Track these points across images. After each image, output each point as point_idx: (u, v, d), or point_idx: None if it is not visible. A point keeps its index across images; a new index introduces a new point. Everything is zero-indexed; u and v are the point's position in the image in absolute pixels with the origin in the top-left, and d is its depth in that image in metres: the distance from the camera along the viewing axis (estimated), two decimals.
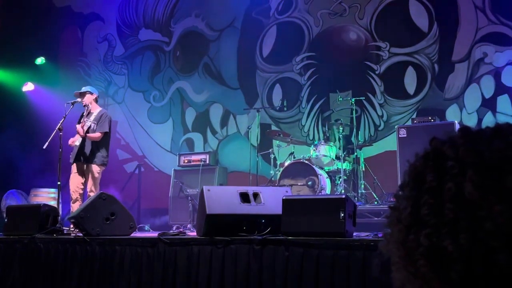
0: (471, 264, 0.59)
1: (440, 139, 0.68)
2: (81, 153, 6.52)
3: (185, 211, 7.50)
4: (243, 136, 8.51)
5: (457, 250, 0.59)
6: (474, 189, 0.60)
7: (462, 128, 0.68)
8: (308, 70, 8.26)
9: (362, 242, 3.53)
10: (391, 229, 0.68)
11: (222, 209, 4.14)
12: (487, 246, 0.58)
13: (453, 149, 0.64)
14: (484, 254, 0.58)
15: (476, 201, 0.60)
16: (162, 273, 4.18)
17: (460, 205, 0.60)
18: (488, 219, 0.59)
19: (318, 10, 8.31)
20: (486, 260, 0.58)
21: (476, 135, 0.66)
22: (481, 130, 0.67)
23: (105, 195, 4.92)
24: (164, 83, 9.37)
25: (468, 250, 0.59)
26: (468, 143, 0.64)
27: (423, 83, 7.46)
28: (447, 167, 0.63)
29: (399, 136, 6.22)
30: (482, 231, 0.58)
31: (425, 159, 0.67)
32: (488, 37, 7.14)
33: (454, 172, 0.62)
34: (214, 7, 9.07)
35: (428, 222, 0.62)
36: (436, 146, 0.67)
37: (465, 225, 0.59)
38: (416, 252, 0.62)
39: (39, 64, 9.59)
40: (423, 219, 0.62)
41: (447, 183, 0.62)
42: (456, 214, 0.60)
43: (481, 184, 0.60)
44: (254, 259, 3.83)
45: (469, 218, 0.59)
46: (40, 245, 4.80)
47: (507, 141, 0.63)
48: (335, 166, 6.70)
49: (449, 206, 0.61)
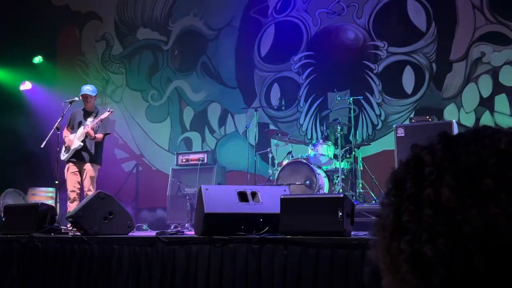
0: (452, 268, 0.59)
1: (420, 145, 0.68)
2: (84, 153, 6.54)
3: (183, 210, 7.49)
4: (241, 135, 8.51)
5: (436, 255, 0.59)
6: (450, 194, 0.60)
7: (441, 133, 0.68)
8: (306, 69, 8.26)
9: (360, 241, 3.54)
10: (377, 236, 0.68)
11: (220, 208, 4.14)
12: (466, 250, 0.58)
13: (431, 155, 0.65)
14: (463, 258, 0.59)
15: (453, 205, 0.60)
16: (161, 272, 4.18)
17: (438, 211, 0.61)
18: (465, 222, 0.59)
19: (316, 9, 8.31)
20: (466, 264, 0.59)
21: (455, 140, 0.66)
22: (460, 134, 0.67)
23: (103, 194, 4.92)
24: (162, 82, 9.36)
25: (447, 254, 0.59)
26: (445, 148, 0.65)
27: (421, 83, 7.47)
28: (425, 173, 0.63)
29: (397, 135, 6.23)
30: (460, 235, 0.59)
31: (406, 166, 0.67)
32: (486, 37, 7.15)
33: (431, 178, 0.63)
34: (212, 6, 9.06)
35: (409, 229, 0.62)
36: (416, 153, 0.67)
37: (443, 230, 0.60)
38: (399, 259, 0.63)
39: (37, 63, 9.57)
40: (404, 226, 0.63)
41: (425, 189, 0.62)
42: (434, 220, 0.60)
43: (457, 188, 0.60)
44: (252, 258, 3.83)
45: (447, 223, 0.60)
46: (38, 244, 4.79)
47: (483, 143, 0.63)
48: (333, 165, 6.71)
49: (428, 212, 0.61)
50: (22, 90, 9.60)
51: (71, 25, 10.23)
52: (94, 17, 10.10)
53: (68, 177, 6.56)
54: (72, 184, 6.52)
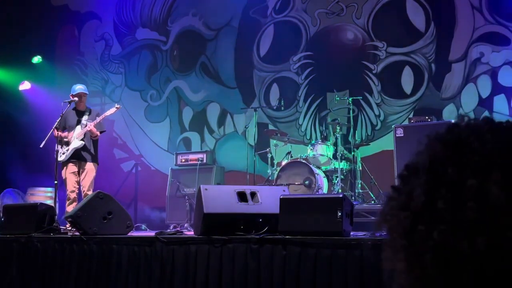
0: (484, 269, 0.55)
1: (462, 124, 0.62)
2: (84, 152, 6.53)
3: (182, 210, 7.49)
4: (240, 135, 8.51)
5: (473, 253, 0.55)
6: (500, 193, 0.56)
7: (488, 120, 0.63)
8: (305, 69, 8.26)
9: (359, 241, 3.54)
10: (393, 212, 0.63)
11: (219, 208, 4.14)
12: (506, 255, 0.54)
13: (480, 143, 0.59)
14: (503, 262, 0.55)
15: (502, 205, 0.55)
16: (160, 273, 4.18)
17: (482, 207, 0.56)
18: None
19: (315, 9, 8.31)
20: (503, 269, 0.55)
21: (505, 131, 0.61)
22: (507, 124, 0.62)
23: (102, 194, 4.91)
24: (161, 82, 9.36)
25: (484, 254, 0.55)
26: (496, 139, 0.59)
27: (420, 83, 7.48)
28: (470, 161, 0.58)
29: (396, 136, 6.23)
30: (504, 239, 0.54)
31: (445, 146, 0.61)
32: (484, 37, 7.15)
33: (478, 168, 0.57)
34: (211, 6, 9.06)
35: (444, 218, 0.57)
36: (459, 134, 0.61)
37: (486, 228, 0.55)
38: (423, 245, 0.58)
39: (36, 62, 9.56)
40: (439, 214, 0.58)
41: (468, 179, 0.57)
42: (476, 216, 0.56)
43: (506, 188, 0.56)
44: (251, 258, 3.83)
45: (491, 222, 0.55)
46: (37, 244, 4.79)
47: None
48: (332, 166, 6.71)
49: (471, 206, 0.56)
50: (21, 90, 9.60)
51: (70, 25, 10.22)
52: (93, 17, 10.09)
53: (68, 177, 6.54)
54: (72, 184, 6.51)
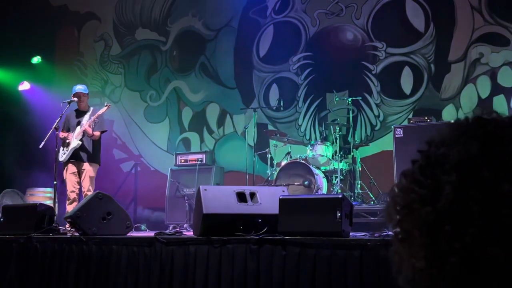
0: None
1: (491, 121, 0.57)
2: (82, 152, 6.52)
3: (182, 211, 7.49)
4: (239, 135, 8.51)
5: (506, 261, 0.52)
6: None
7: None
8: (304, 70, 8.26)
9: (358, 242, 3.54)
10: (413, 205, 0.58)
11: (218, 209, 4.14)
12: None
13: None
14: None
15: None
16: (159, 273, 4.18)
17: None
18: None
19: (315, 10, 8.32)
20: None
21: None
22: None
23: (101, 195, 4.91)
24: (160, 82, 9.36)
25: None
26: None
27: (419, 83, 7.48)
28: (505, 163, 0.54)
29: (396, 136, 6.24)
30: None
31: (478, 143, 0.56)
32: (484, 38, 7.16)
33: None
34: (211, 6, 9.06)
35: (475, 222, 0.53)
36: (494, 131, 0.56)
37: None
38: (449, 246, 0.54)
39: (36, 63, 9.56)
40: (469, 216, 0.54)
41: (504, 183, 0.53)
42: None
43: None
44: (251, 259, 3.83)
45: None
46: (37, 245, 4.79)
47: None
48: (332, 166, 6.71)
49: (506, 213, 0.52)
50: (20, 90, 9.59)
51: (70, 26, 10.22)
52: (92, 18, 10.09)
53: (68, 177, 6.54)
54: (72, 185, 6.50)
